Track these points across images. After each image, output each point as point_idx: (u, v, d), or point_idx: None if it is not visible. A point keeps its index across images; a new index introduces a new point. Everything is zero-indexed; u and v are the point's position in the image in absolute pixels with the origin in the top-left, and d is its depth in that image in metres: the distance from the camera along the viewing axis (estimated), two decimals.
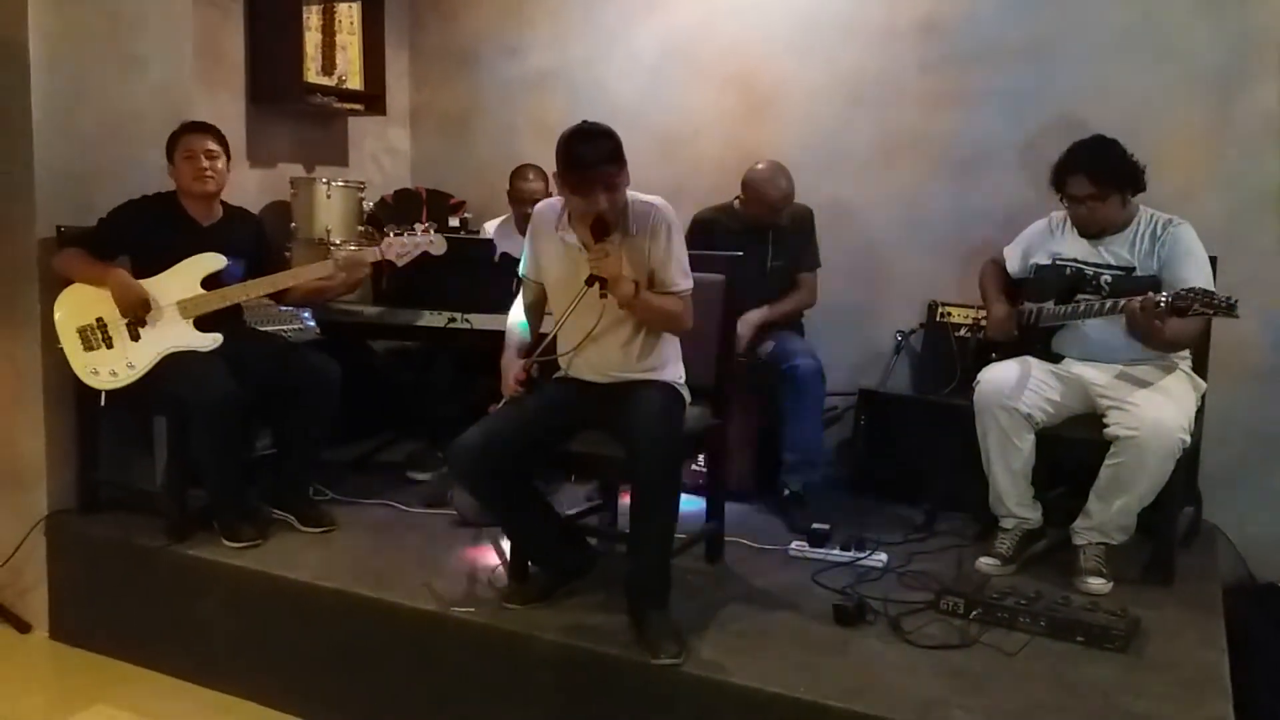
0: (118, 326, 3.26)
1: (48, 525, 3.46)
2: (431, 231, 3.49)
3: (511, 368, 2.84)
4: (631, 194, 2.78)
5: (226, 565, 3.12)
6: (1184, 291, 2.81)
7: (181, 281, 3.30)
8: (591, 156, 2.61)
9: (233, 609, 3.12)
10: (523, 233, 4.24)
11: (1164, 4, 3.76)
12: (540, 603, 2.80)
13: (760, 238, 3.82)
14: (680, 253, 2.80)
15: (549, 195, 4.20)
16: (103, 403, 3.30)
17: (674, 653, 2.49)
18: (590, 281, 2.63)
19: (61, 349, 3.28)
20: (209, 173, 3.36)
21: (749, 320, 3.70)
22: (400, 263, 3.44)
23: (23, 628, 3.48)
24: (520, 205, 4.40)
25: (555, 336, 2.81)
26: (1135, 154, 3.10)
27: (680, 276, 2.80)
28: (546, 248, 2.87)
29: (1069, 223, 3.26)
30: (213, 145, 3.37)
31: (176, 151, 3.35)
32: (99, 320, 3.26)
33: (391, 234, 3.48)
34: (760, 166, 3.81)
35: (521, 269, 3.00)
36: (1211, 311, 2.78)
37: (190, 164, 3.34)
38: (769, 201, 3.76)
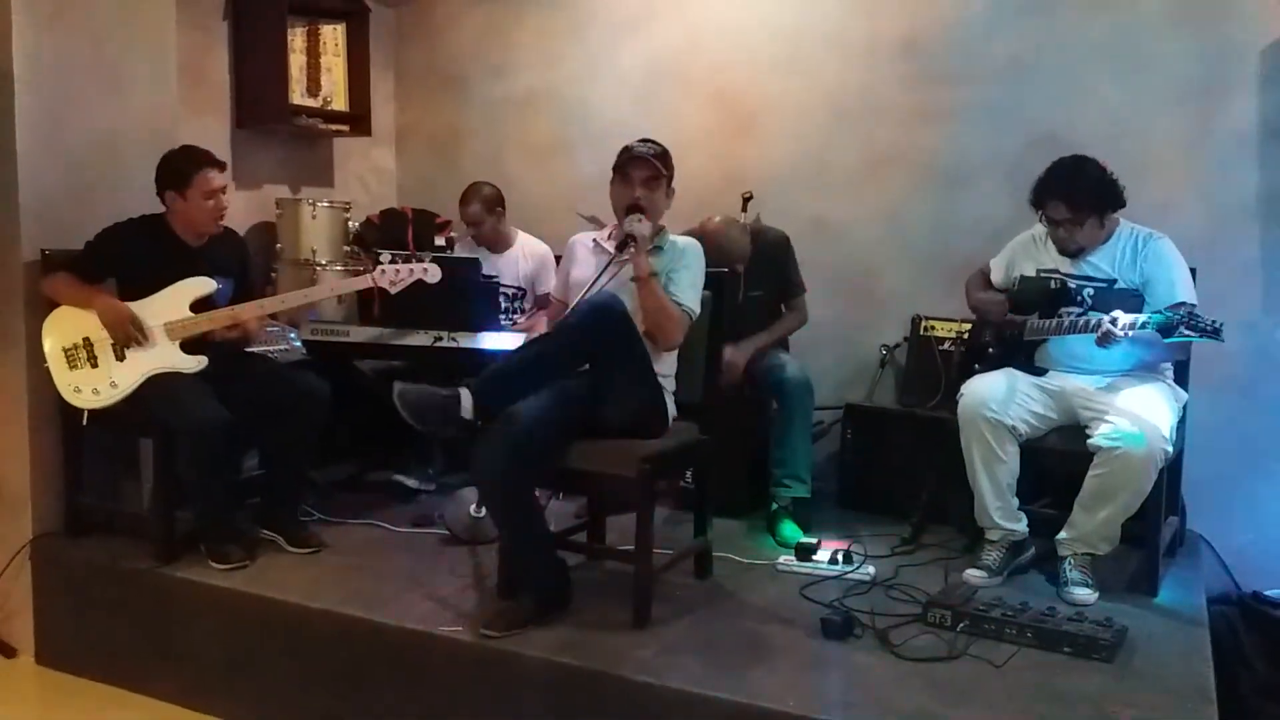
0: (104, 346, 3.25)
1: (33, 549, 3.44)
2: (426, 260, 3.51)
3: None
4: (671, 234, 3.12)
5: (214, 587, 3.11)
6: (1168, 312, 2.83)
7: (169, 304, 3.30)
8: (638, 150, 3.02)
9: (221, 631, 3.10)
10: (480, 246, 4.32)
11: (1141, 18, 3.81)
12: (519, 631, 2.73)
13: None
14: (698, 282, 3.05)
15: (486, 220, 4.30)
16: (84, 422, 3.29)
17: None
18: (621, 246, 2.92)
19: (47, 367, 3.27)
20: (225, 209, 3.42)
21: (737, 363, 3.69)
22: (393, 290, 3.45)
23: (8, 652, 3.46)
24: (466, 225, 4.40)
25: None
26: (1115, 168, 3.13)
27: (689, 294, 3.00)
28: (580, 258, 3.18)
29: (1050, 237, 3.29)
30: (223, 180, 3.40)
31: (193, 186, 3.31)
32: (85, 340, 3.25)
33: (385, 261, 3.49)
34: (712, 227, 3.75)
35: (553, 289, 3.33)
36: (1196, 334, 2.80)
37: (213, 202, 3.35)
38: (727, 263, 3.69)
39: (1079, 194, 3.10)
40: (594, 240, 3.18)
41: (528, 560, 2.91)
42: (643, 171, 3.00)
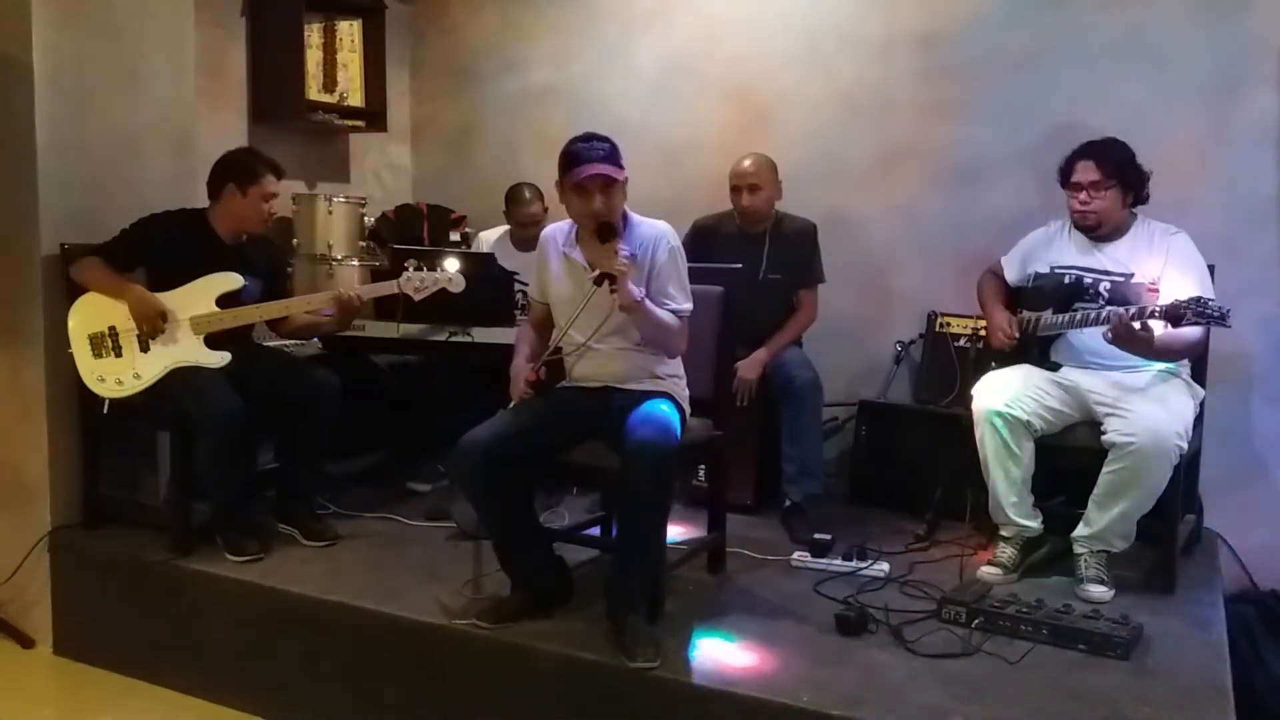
0: (129, 336, 3.27)
1: (51, 540, 3.47)
2: (452, 270, 3.52)
3: (521, 372, 2.85)
4: (636, 217, 2.86)
5: (230, 579, 3.13)
6: (1177, 301, 2.82)
7: (197, 298, 3.32)
8: (586, 156, 2.70)
9: (236, 623, 3.12)
10: (520, 249, 4.31)
11: (1160, 13, 3.79)
12: (511, 624, 2.74)
13: (756, 247, 3.84)
14: (682, 273, 2.86)
15: (545, 214, 4.25)
16: (105, 411, 3.31)
17: (650, 656, 2.51)
18: (599, 281, 2.65)
19: (71, 354, 3.29)
20: (275, 214, 3.49)
21: (749, 378, 3.67)
22: (418, 298, 3.47)
23: (26, 643, 3.49)
24: (520, 227, 4.42)
25: (562, 341, 2.83)
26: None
27: (679, 295, 2.84)
28: (553, 266, 2.94)
29: (1068, 229, 3.29)
30: (279, 189, 3.47)
31: (258, 184, 3.38)
32: (111, 329, 3.28)
33: (411, 268, 3.50)
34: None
35: (530, 290, 3.08)
36: (1204, 320, 2.80)
37: (268, 205, 3.42)
38: (734, 173, 3.85)
39: (1108, 158, 3.14)
40: (564, 250, 2.88)
41: (515, 556, 2.89)
42: (597, 182, 2.70)
